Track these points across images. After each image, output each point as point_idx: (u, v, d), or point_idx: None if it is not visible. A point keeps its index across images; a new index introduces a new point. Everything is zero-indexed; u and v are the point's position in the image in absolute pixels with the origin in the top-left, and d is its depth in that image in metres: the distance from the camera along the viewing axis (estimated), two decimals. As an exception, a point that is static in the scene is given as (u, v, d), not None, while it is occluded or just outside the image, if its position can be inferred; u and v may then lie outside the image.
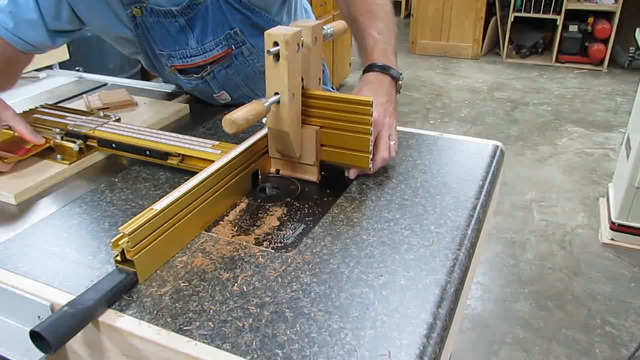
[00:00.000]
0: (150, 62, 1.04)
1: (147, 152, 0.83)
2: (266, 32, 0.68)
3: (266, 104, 0.69)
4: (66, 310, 0.52)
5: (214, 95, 1.08)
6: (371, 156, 0.77)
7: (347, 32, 0.89)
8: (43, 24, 0.94)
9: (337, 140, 0.78)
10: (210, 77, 1.03)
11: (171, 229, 0.62)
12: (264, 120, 0.74)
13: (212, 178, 0.69)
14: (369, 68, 0.87)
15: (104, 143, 0.87)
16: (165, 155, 0.82)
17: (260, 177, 0.80)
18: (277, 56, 0.68)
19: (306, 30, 0.72)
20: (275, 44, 0.67)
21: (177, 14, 0.92)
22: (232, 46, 0.98)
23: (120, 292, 0.57)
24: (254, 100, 0.68)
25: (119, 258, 0.58)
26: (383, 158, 0.80)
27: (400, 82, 0.88)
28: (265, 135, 0.80)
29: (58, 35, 0.98)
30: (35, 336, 0.49)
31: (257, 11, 0.95)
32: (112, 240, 0.57)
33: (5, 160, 0.82)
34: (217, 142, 0.82)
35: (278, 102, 0.71)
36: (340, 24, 0.84)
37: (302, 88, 0.75)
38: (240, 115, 0.65)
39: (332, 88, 1.29)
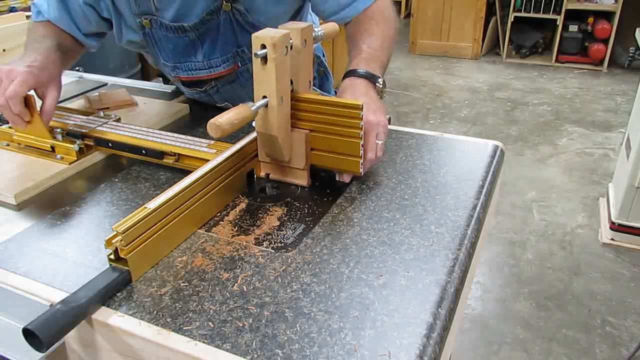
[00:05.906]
0: (157, 62, 1.05)
1: (143, 152, 0.84)
2: (253, 35, 0.66)
3: (253, 108, 0.67)
4: (59, 308, 0.52)
5: (217, 105, 1.08)
6: (362, 160, 0.75)
7: (339, 35, 0.87)
8: (78, 31, 0.99)
9: (327, 144, 0.76)
10: (213, 90, 1.03)
11: (165, 228, 0.62)
12: (253, 123, 0.73)
13: (206, 177, 0.68)
14: (344, 76, 0.85)
15: (100, 142, 0.87)
16: (161, 154, 0.82)
17: (255, 177, 0.79)
18: (264, 59, 0.66)
19: (295, 33, 0.71)
20: (263, 46, 0.65)
21: (189, 29, 0.93)
22: (239, 63, 0.97)
23: (114, 290, 0.57)
24: (240, 104, 0.67)
25: (112, 256, 0.58)
26: (369, 159, 0.78)
27: (379, 85, 0.84)
28: (256, 138, 0.78)
29: (90, 38, 1.02)
30: (28, 334, 0.49)
31: None
32: (106, 238, 0.57)
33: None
34: (212, 142, 0.82)
35: (266, 105, 0.69)
36: (331, 26, 0.82)
37: (292, 91, 0.73)
38: (225, 119, 0.63)
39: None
